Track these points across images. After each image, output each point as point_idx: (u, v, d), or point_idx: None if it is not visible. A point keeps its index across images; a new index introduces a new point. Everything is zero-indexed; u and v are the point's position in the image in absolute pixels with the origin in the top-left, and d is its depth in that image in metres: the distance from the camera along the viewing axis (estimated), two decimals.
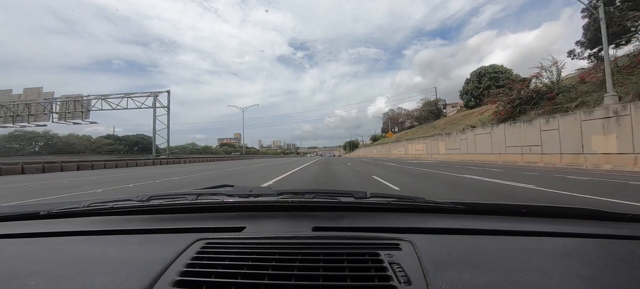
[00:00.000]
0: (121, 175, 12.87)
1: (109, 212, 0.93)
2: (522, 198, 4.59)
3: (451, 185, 6.53)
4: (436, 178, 8.17)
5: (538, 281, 0.50)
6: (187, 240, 0.66)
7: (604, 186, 5.61)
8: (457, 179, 7.63)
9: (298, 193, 1.03)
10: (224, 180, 9.46)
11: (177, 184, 8.35)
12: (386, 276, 0.50)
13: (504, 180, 6.87)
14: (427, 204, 0.91)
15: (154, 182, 8.91)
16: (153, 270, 0.53)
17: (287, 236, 0.69)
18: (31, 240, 0.76)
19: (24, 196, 6.05)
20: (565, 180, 6.89)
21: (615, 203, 3.98)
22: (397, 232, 0.71)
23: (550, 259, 0.58)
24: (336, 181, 8.03)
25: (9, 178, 11.78)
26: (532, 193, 5.04)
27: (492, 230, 0.74)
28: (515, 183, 6.35)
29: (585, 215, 0.84)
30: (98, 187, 7.59)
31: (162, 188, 7.41)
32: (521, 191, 5.30)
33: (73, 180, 9.94)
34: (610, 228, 0.76)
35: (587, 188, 5.34)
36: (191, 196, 1.01)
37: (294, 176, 9.85)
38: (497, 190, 5.53)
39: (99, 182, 9.01)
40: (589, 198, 4.33)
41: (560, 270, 0.54)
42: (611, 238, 0.70)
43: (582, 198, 4.39)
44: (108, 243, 0.72)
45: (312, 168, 14.61)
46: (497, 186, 5.93)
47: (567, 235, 0.71)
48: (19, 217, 0.93)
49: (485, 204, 0.91)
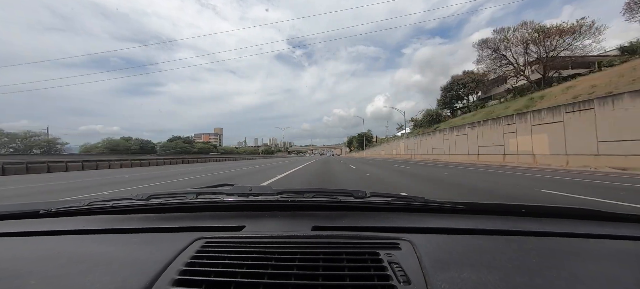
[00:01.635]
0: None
1: (109, 211, 0.93)
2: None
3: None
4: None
5: (537, 281, 0.50)
6: (187, 239, 0.66)
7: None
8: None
9: (298, 192, 1.03)
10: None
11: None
12: (386, 276, 0.50)
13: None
14: (426, 204, 0.91)
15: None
16: (153, 269, 0.53)
17: (287, 235, 0.69)
18: (31, 238, 0.76)
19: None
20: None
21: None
22: (397, 232, 0.71)
23: (550, 259, 0.58)
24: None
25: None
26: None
27: (491, 229, 0.74)
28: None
29: (584, 215, 0.84)
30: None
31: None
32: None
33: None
34: (609, 228, 0.76)
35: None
36: (191, 195, 1.01)
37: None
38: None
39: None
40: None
41: (560, 270, 0.54)
42: (610, 238, 0.70)
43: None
44: (108, 242, 0.72)
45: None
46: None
47: (566, 235, 0.71)
48: (19, 216, 0.93)
49: (484, 204, 0.91)
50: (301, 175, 10.49)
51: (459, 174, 9.06)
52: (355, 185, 6.82)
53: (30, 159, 19.37)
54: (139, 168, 22.70)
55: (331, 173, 10.73)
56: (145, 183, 8.83)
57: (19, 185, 8.70)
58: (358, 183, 7.21)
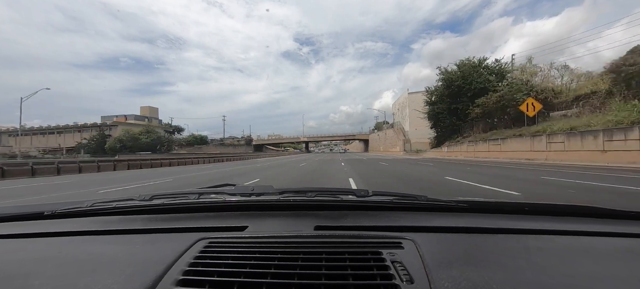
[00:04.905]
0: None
1: (112, 212, 0.93)
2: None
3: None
4: None
5: (541, 278, 0.50)
6: (190, 239, 0.66)
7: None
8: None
9: (300, 191, 1.04)
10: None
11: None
12: (388, 275, 0.50)
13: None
14: (429, 203, 0.91)
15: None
16: (156, 270, 0.53)
17: (290, 235, 0.69)
18: (35, 239, 0.77)
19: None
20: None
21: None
22: (400, 231, 0.71)
23: (553, 257, 0.58)
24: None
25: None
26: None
27: (494, 228, 0.74)
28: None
29: (588, 213, 0.84)
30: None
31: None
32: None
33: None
34: (612, 225, 0.76)
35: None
36: (193, 196, 1.02)
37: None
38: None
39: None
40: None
41: (563, 268, 0.54)
42: (613, 236, 0.70)
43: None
44: (111, 242, 0.73)
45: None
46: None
47: (569, 233, 0.71)
48: (23, 217, 0.94)
49: (487, 202, 0.91)
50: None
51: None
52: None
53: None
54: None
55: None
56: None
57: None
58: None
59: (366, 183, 7.30)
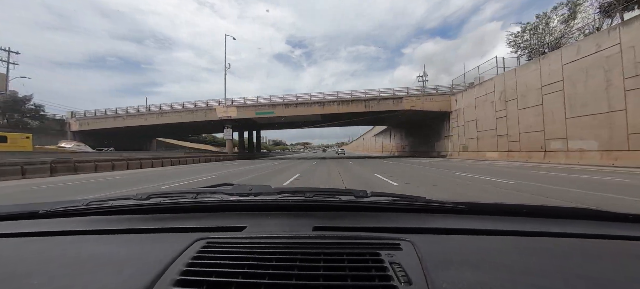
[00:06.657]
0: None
1: (109, 211, 0.92)
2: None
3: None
4: None
5: (539, 281, 0.50)
6: (188, 240, 0.66)
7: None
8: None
9: (298, 192, 1.03)
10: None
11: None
12: (387, 276, 0.50)
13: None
14: (428, 204, 0.91)
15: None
16: (153, 270, 0.53)
17: (288, 235, 0.69)
18: (30, 239, 0.76)
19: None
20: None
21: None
22: (398, 232, 0.71)
23: (552, 259, 0.58)
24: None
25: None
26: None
27: (493, 230, 0.74)
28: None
29: (586, 216, 0.84)
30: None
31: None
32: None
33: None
34: (611, 228, 0.76)
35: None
36: (191, 195, 1.01)
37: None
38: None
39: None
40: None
41: (561, 270, 0.54)
42: (612, 239, 0.70)
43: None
44: (108, 242, 0.72)
45: None
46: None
47: (568, 235, 0.71)
48: (18, 216, 0.93)
49: (486, 204, 0.91)
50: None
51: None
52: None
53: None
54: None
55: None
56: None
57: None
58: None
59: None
